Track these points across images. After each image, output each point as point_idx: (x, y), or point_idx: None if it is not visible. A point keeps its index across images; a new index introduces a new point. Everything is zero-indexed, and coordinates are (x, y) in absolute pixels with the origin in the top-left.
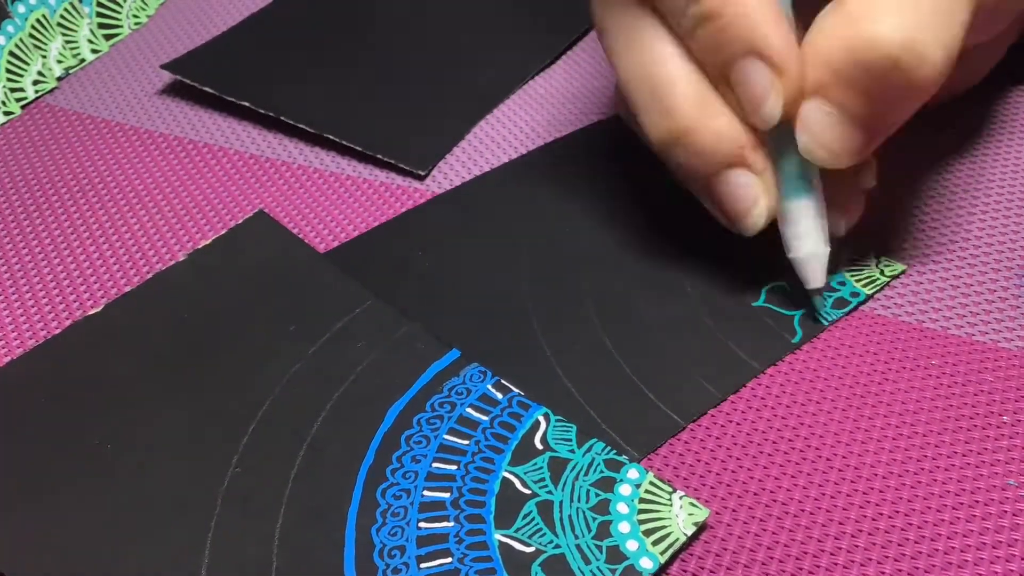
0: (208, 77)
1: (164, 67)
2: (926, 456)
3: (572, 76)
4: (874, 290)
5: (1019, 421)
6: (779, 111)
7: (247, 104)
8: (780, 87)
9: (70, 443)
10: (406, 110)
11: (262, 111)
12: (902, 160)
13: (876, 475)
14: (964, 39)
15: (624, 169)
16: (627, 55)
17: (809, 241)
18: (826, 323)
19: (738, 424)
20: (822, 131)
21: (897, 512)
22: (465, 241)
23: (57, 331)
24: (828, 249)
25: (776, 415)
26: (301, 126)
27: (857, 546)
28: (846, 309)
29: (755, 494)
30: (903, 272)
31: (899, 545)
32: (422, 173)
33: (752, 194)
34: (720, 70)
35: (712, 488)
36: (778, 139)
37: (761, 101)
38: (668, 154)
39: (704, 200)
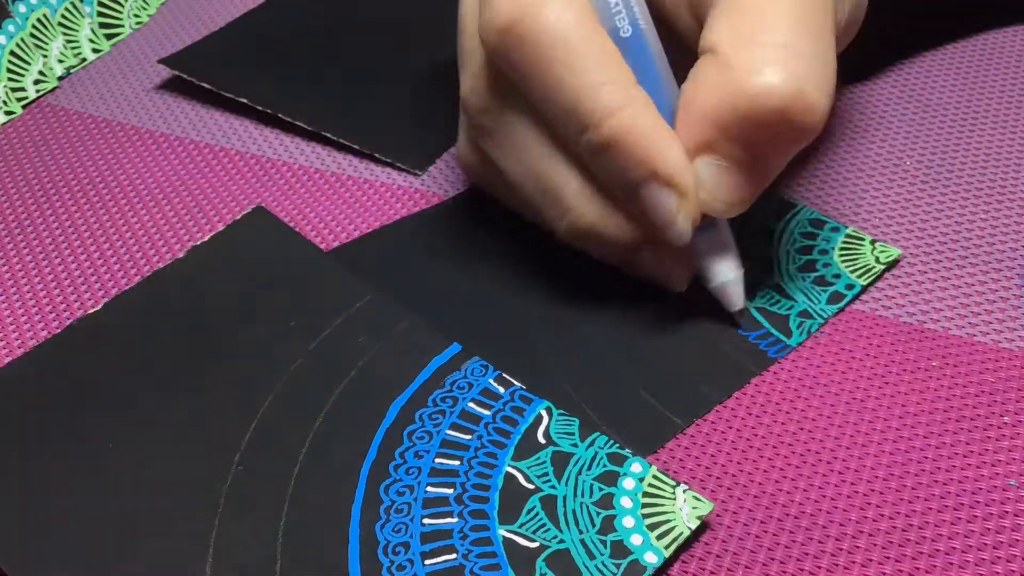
0: (206, 73)
1: (161, 62)
2: (927, 456)
3: None
4: (869, 280)
5: (1020, 421)
6: (689, 231)
7: (244, 100)
8: (686, 208)
9: (71, 442)
10: (404, 109)
11: (259, 108)
12: (901, 156)
13: (877, 475)
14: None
15: None
16: (514, 158)
17: (723, 268)
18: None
19: (738, 426)
20: (715, 186)
21: (898, 512)
22: (464, 244)
23: (57, 330)
24: (742, 271)
25: (776, 416)
26: (299, 123)
27: (858, 546)
28: (841, 304)
29: (755, 495)
30: (899, 258)
31: (900, 545)
32: (419, 172)
33: (668, 266)
34: (622, 193)
35: (712, 490)
36: None
37: (670, 223)
38: (576, 244)
39: (629, 269)
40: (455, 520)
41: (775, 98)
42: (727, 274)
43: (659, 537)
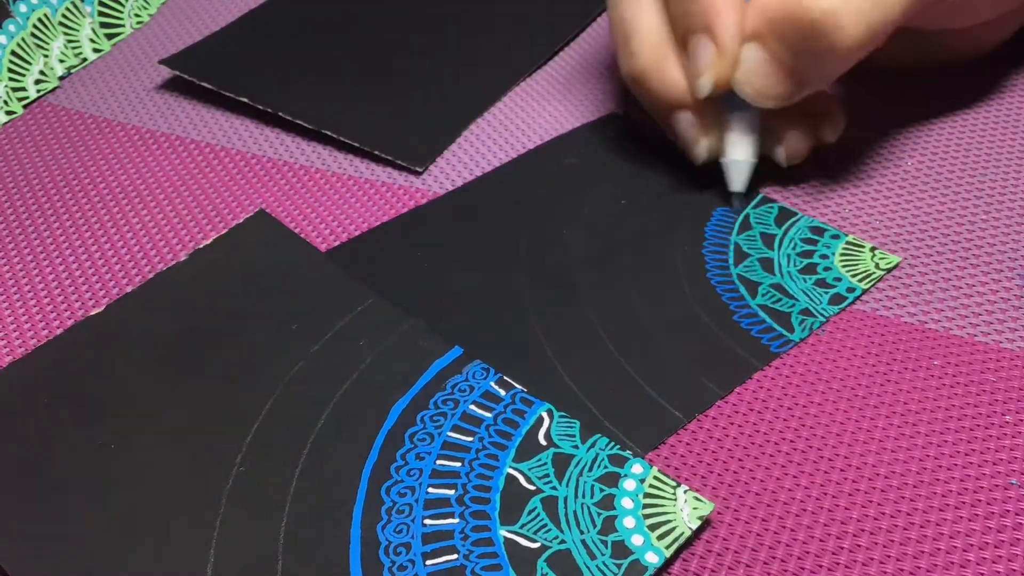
0: (206, 73)
1: (162, 62)
2: (928, 456)
3: (569, 74)
4: (870, 284)
5: (1021, 421)
6: (709, 87)
7: (245, 100)
8: (716, 68)
9: (73, 443)
10: (404, 107)
11: (260, 107)
12: (902, 157)
13: (878, 475)
14: (900, 21)
15: (623, 168)
16: (618, 3)
17: (739, 148)
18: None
19: (739, 424)
20: (753, 71)
21: (899, 511)
22: (464, 241)
23: (58, 330)
24: (754, 160)
25: (777, 415)
26: (299, 122)
27: (859, 546)
28: (842, 305)
29: (756, 494)
30: (898, 264)
31: (901, 544)
32: (419, 170)
33: (694, 134)
34: (681, 36)
35: (713, 488)
36: None
37: (699, 74)
38: (632, 89)
39: (665, 129)
40: (456, 521)
41: (815, 10)
42: (740, 153)
43: (660, 537)
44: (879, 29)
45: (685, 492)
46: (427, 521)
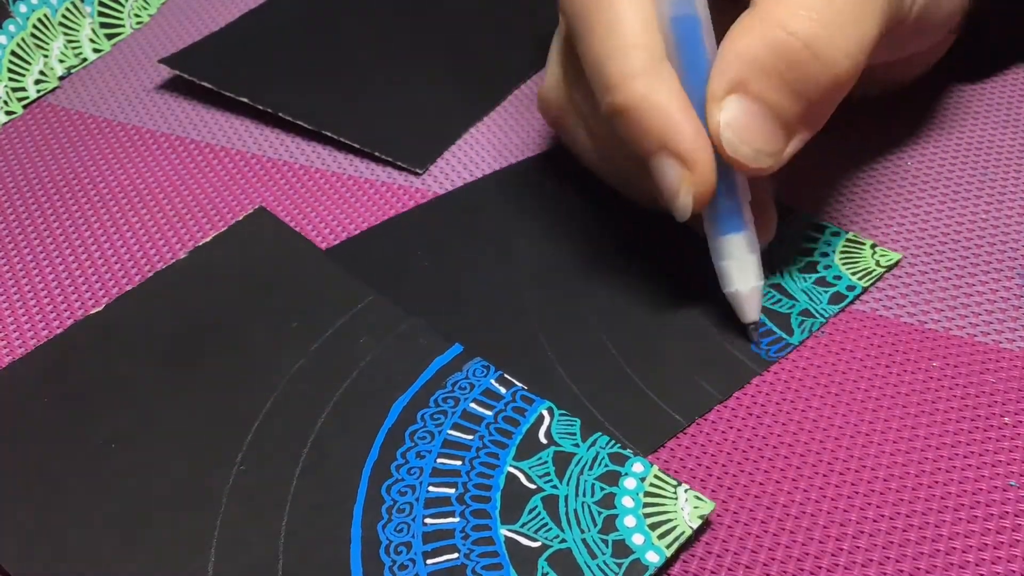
0: (206, 73)
1: (162, 62)
2: (927, 457)
3: None
4: (870, 282)
5: (1020, 422)
6: (690, 206)
7: (245, 100)
8: (690, 182)
9: (74, 442)
10: (405, 108)
11: (260, 107)
12: (902, 157)
13: (877, 476)
14: (877, 40)
15: None
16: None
17: (744, 276)
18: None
19: (739, 426)
20: (745, 128)
21: (898, 512)
22: (465, 242)
23: (58, 330)
24: (762, 283)
25: (777, 416)
26: (299, 123)
27: (858, 547)
28: (842, 304)
29: (756, 495)
30: (899, 261)
31: (900, 545)
32: (420, 171)
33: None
34: (638, 159)
35: (713, 490)
36: None
37: (674, 195)
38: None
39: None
40: (457, 520)
41: (807, 31)
42: (749, 280)
43: (660, 536)
44: (867, 48)
45: (686, 491)
46: (428, 520)
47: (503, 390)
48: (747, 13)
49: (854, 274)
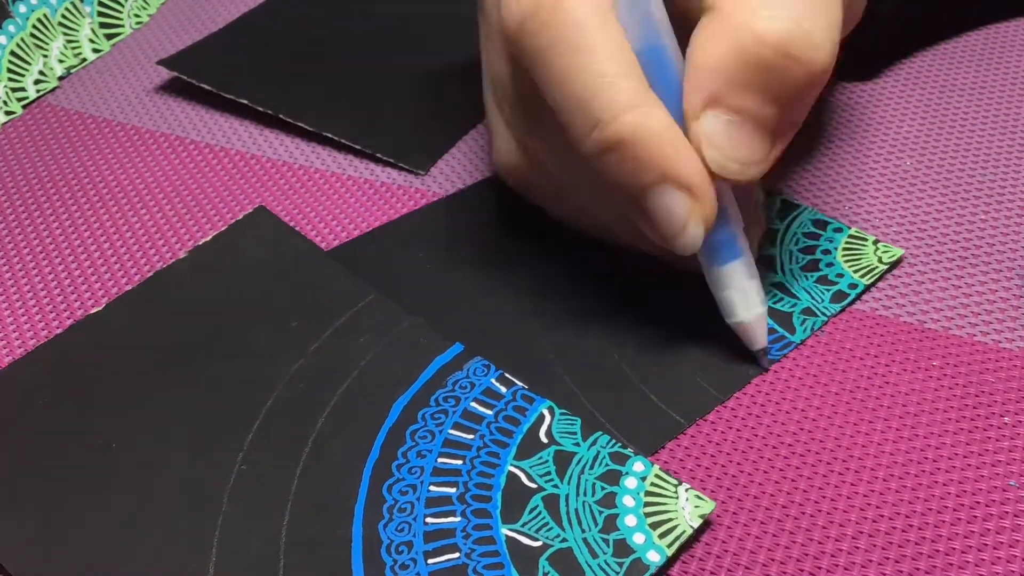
0: (205, 74)
1: (160, 63)
2: (927, 457)
3: None
4: (872, 280)
5: (1020, 422)
6: (700, 237)
7: (245, 101)
8: (699, 213)
9: (74, 443)
10: (406, 109)
11: (260, 109)
12: (901, 156)
13: (877, 476)
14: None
15: None
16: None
17: (747, 305)
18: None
19: (738, 426)
20: (728, 143)
21: (898, 513)
22: (466, 243)
23: (58, 330)
24: (765, 308)
25: (776, 416)
26: (300, 124)
27: (858, 547)
28: (845, 302)
29: (755, 496)
30: (901, 257)
31: (899, 546)
32: (421, 172)
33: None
34: (627, 200)
35: (712, 489)
36: None
37: (680, 229)
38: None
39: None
40: (458, 519)
41: (777, 34)
42: (752, 310)
43: (661, 536)
44: (839, 32)
45: (687, 491)
46: (428, 519)
47: (504, 389)
48: (709, 17)
49: (856, 271)
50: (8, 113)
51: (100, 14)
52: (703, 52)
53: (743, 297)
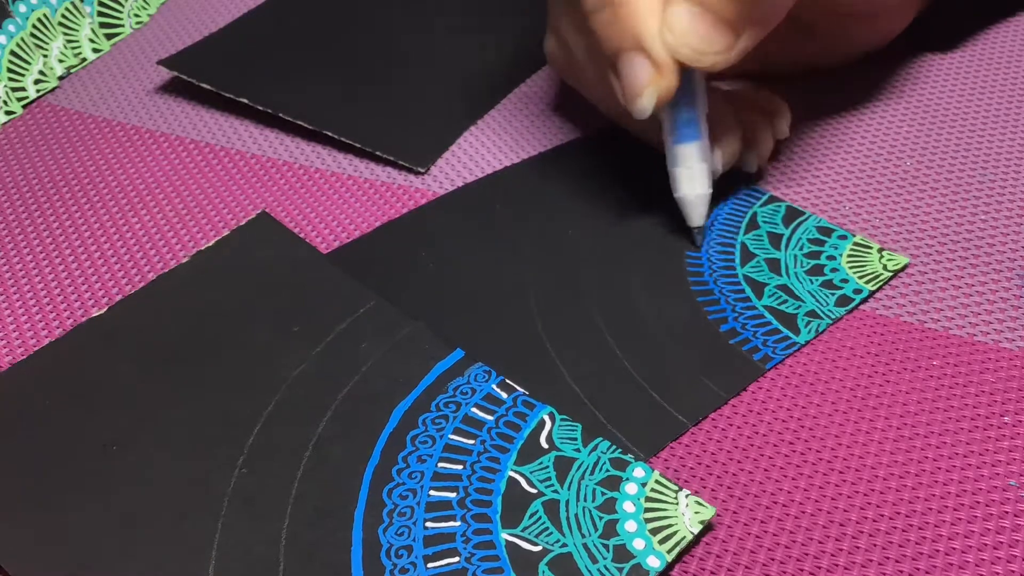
0: (205, 74)
1: (161, 63)
2: (927, 457)
3: None
4: (877, 286)
5: (1020, 421)
6: (652, 107)
7: (245, 101)
8: (657, 84)
9: (75, 445)
10: (406, 107)
11: (260, 108)
12: (901, 157)
13: (877, 476)
14: None
15: (627, 172)
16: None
17: (694, 183)
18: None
19: (739, 425)
20: (686, 30)
21: (898, 513)
22: (468, 243)
23: (58, 331)
24: (710, 191)
25: (776, 415)
26: (300, 123)
27: (858, 547)
28: (849, 306)
29: (756, 496)
30: (906, 265)
31: (900, 546)
32: (421, 170)
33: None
34: (610, 59)
35: (713, 490)
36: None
37: (638, 94)
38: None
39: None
40: (458, 524)
41: None
42: (697, 187)
43: (661, 541)
44: None
45: (687, 496)
46: (429, 524)
47: (504, 395)
48: None
49: (861, 277)
50: (8, 113)
51: (100, 14)
52: None
53: (690, 175)
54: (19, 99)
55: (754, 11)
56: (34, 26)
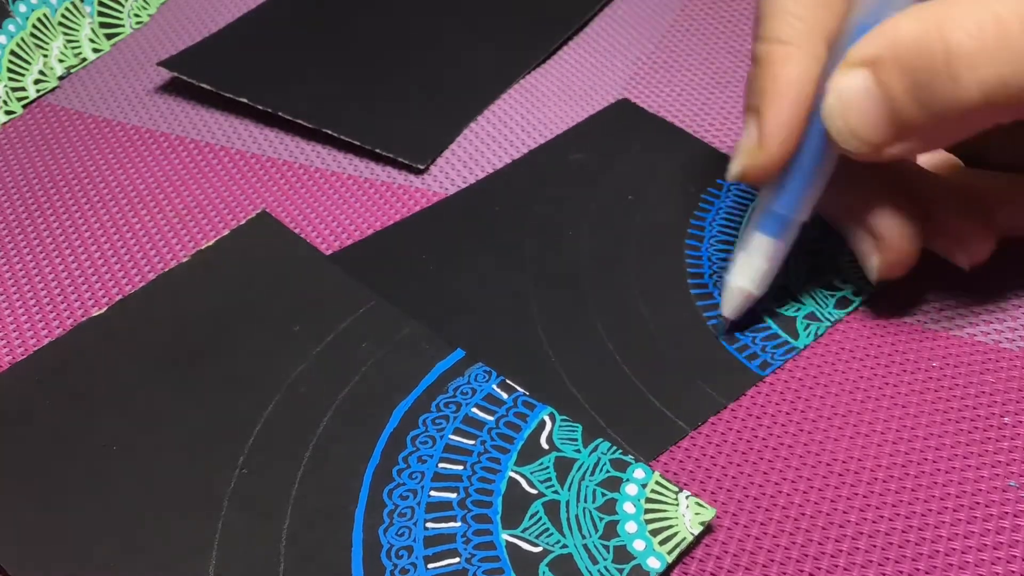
0: (206, 74)
1: (161, 64)
2: (927, 458)
3: (568, 71)
4: (871, 287)
5: (1020, 422)
6: (737, 176)
7: (245, 100)
8: (753, 156)
9: (76, 445)
10: (405, 105)
11: (260, 107)
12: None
13: (877, 477)
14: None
15: (630, 161)
16: None
17: (743, 275)
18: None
19: (738, 427)
20: (859, 110)
21: (898, 514)
22: (468, 245)
23: (58, 331)
24: (758, 295)
25: (776, 417)
26: (299, 122)
27: (858, 548)
28: (849, 308)
29: (756, 498)
30: None
31: (900, 547)
32: (421, 167)
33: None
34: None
35: (713, 492)
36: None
37: (736, 154)
38: None
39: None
40: (458, 524)
41: (955, 47)
42: (743, 279)
43: (662, 543)
44: (1012, 94)
45: (687, 497)
46: (429, 524)
47: (505, 395)
48: None
49: (861, 278)
50: (8, 113)
51: (100, 14)
52: (898, 19)
53: (747, 267)
54: (19, 99)
55: (935, 126)
56: (34, 26)
